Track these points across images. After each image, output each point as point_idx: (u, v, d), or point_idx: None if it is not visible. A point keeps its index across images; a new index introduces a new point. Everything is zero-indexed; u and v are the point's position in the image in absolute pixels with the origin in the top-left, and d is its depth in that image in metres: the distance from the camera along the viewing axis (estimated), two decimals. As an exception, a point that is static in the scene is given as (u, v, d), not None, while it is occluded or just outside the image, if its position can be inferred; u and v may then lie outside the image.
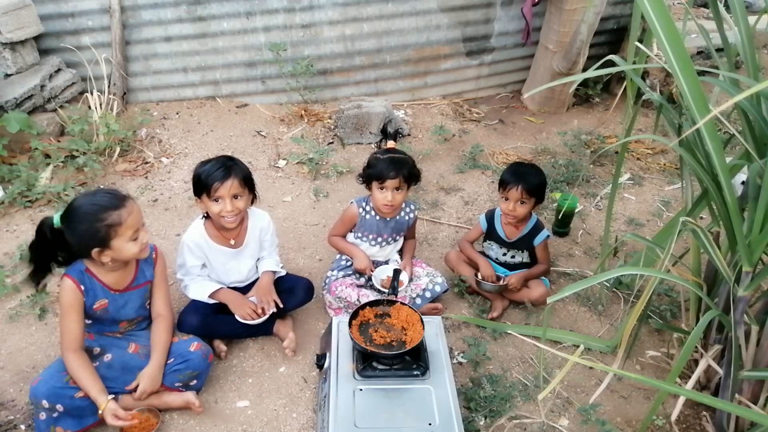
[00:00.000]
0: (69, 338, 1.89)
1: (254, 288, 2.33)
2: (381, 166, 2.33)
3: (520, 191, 2.44)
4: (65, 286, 1.89)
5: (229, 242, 2.28)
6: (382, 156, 2.37)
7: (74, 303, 1.89)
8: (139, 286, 2.04)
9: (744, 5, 1.70)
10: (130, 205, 1.85)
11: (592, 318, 2.58)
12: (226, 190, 2.09)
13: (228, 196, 2.10)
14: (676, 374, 1.64)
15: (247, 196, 2.20)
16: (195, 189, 2.15)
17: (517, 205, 2.48)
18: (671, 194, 3.55)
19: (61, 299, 1.89)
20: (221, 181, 2.08)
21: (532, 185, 2.44)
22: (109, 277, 1.95)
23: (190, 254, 2.24)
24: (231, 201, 2.11)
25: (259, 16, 3.96)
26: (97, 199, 1.83)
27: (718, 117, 1.56)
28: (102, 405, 1.84)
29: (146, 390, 1.94)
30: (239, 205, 2.14)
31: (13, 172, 3.22)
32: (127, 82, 3.98)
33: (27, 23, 3.51)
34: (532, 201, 2.48)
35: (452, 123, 4.25)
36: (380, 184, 2.35)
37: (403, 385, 1.86)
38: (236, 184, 2.11)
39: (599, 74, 2.10)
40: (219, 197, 2.10)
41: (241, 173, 2.14)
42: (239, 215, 2.18)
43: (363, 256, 2.46)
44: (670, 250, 1.66)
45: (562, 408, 2.14)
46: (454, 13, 4.29)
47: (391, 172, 2.31)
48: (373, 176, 2.35)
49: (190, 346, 2.06)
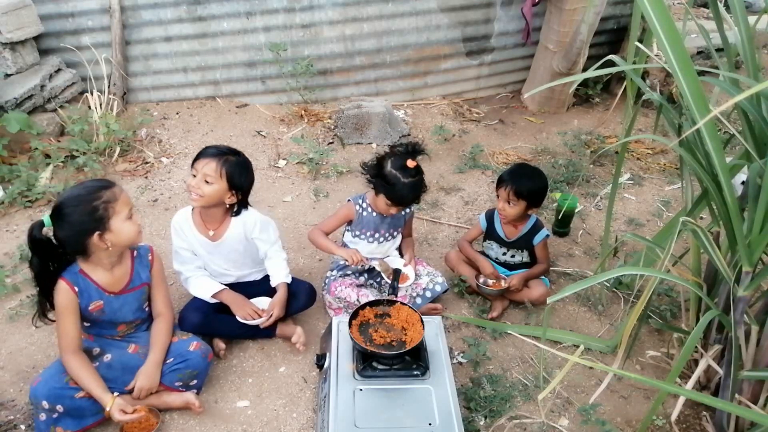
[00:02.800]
0: (67, 340, 1.89)
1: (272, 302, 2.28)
2: (404, 193, 2.29)
3: (508, 192, 2.45)
4: (59, 288, 1.87)
5: (209, 233, 2.27)
6: (403, 179, 2.28)
7: (69, 304, 1.88)
8: (135, 289, 2.03)
9: (744, 5, 1.70)
10: (118, 186, 1.88)
11: (592, 318, 2.58)
12: (200, 166, 2.12)
13: (200, 172, 2.11)
14: (676, 374, 1.64)
15: (224, 189, 2.14)
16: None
17: (506, 205, 2.48)
18: (671, 194, 3.55)
19: (56, 301, 1.88)
20: (202, 157, 2.13)
21: (521, 188, 2.43)
22: (104, 278, 1.94)
23: (176, 235, 2.27)
24: (201, 179, 2.11)
25: (259, 16, 3.96)
26: (86, 185, 1.85)
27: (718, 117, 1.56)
28: (108, 402, 1.84)
29: (143, 387, 1.94)
30: (205, 189, 2.11)
31: (13, 172, 3.22)
32: (127, 82, 3.99)
33: (27, 23, 3.51)
34: (522, 204, 2.46)
35: (452, 123, 4.25)
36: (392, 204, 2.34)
37: (403, 385, 1.86)
38: (213, 166, 2.10)
39: (599, 74, 2.10)
40: (195, 171, 2.13)
41: (229, 164, 2.13)
42: (202, 198, 2.14)
43: (352, 251, 2.39)
44: (670, 250, 1.66)
45: (562, 408, 2.14)
46: (454, 13, 4.29)
47: (408, 200, 2.35)
48: (389, 197, 2.31)
49: (190, 346, 2.06)
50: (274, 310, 2.24)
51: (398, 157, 2.31)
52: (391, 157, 2.33)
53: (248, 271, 2.41)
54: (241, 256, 2.35)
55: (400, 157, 2.31)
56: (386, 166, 2.31)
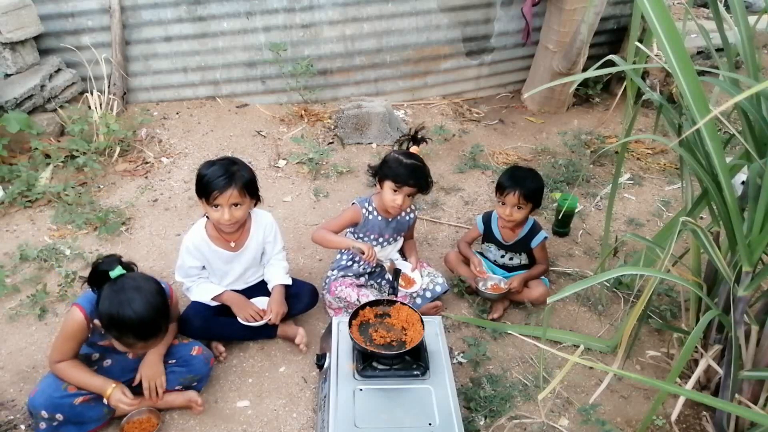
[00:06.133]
0: (60, 357, 1.87)
1: (268, 302, 2.29)
2: (402, 171, 2.29)
3: (517, 196, 2.43)
4: (74, 314, 1.83)
5: (230, 245, 2.27)
6: (405, 159, 2.32)
7: (77, 335, 1.86)
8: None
9: (744, 5, 1.70)
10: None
11: (592, 318, 2.58)
12: (225, 200, 2.06)
13: (227, 204, 2.07)
14: (676, 374, 1.64)
15: (249, 202, 2.17)
16: (197, 189, 2.13)
17: (514, 210, 2.47)
18: (671, 194, 3.55)
19: (66, 324, 1.86)
20: (221, 191, 2.04)
21: (529, 190, 2.43)
22: None
23: (189, 256, 2.23)
24: (229, 210, 2.08)
25: (259, 16, 3.96)
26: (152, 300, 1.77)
27: (718, 117, 1.56)
28: (108, 391, 1.84)
29: (148, 377, 1.93)
30: (237, 214, 2.11)
31: (13, 172, 3.22)
32: (127, 82, 3.98)
33: (27, 23, 3.51)
34: (529, 206, 2.47)
35: (452, 123, 4.25)
36: (396, 186, 2.32)
37: (403, 385, 1.86)
38: (236, 193, 2.07)
39: (599, 74, 2.10)
40: (218, 204, 2.09)
41: (243, 180, 2.09)
42: (238, 222, 2.16)
43: (367, 244, 2.37)
44: (670, 250, 1.66)
45: (562, 408, 2.14)
46: (454, 13, 4.29)
47: (411, 179, 2.30)
48: (392, 177, 2.31)
49: (192, 351, 2.07)
50: (273, 308, 2.24)
51: (400, 147, 2.45)
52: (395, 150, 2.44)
53: (260, 273, 2.43)
54: (257, 261, 2.38)
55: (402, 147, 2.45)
56: (389, 155, 2.39)
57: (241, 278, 2.37)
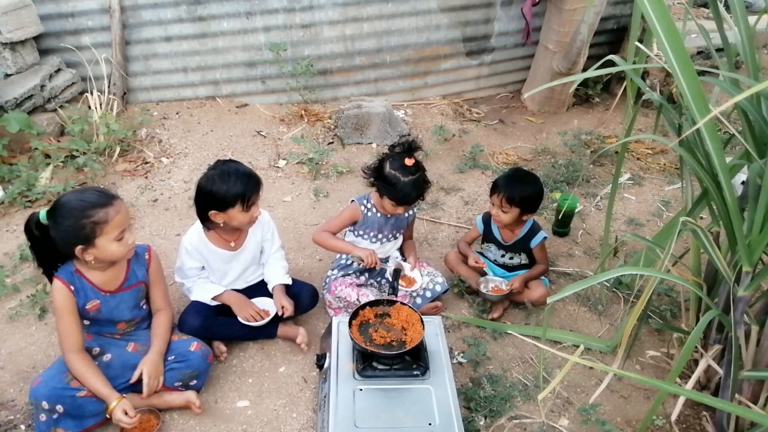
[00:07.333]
0: (68, 340, 1.89)
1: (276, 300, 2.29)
2: (406, 191, 2.26)
3: (501, 199, 2.44)
4: (56, 287, 1.87)
5: (229, 244, 2.27)
6: (403, 177, 2.25)
7: (67, 304, 1.88)
8: (131, 287, 2.03)
9: (744, 5, 1.70)
10: (118, 205, 1.84)
11: (592, 318, 2.58)
12: (253, 202, 2.15)
13: (254, 205, 2.16)
14: (676, 374, 1.64)
15: None
16: (218, 205, 2.10)
17: (499, 211, 2.47)
18: (671, 194, 3.55)
19: (54, 301, 1.88)
20: (256, 190, 2.14)
21: (513, 195, 2.41)
22: (99, 278, 1.94)
23: (188, 257, 2.24)
24: (256, 208, 2.18)
25: (259, 16, 3.96)
26: (86, 196, 1.81)
27: (718, 117, 1.56)
28: (111, 404, 1.84)
29: (150, 374, 1.93)
30: (256, 214, 2.20)
31: (13, 172, 3.22)
32: (127, 82, 3.99)
33: (27, 23, 3.51)
34: (515, 210, 2.45)
35: (452, 123, 4.25)
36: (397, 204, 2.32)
37: (403, 385, 1.86)
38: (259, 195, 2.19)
39: (599, 74, 2.10)
40: (249, 205, 2.14)
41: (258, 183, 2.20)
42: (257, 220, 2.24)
43: (369, 251, 2.37)
44: (670, 250, 1.66)
45: (562, 408, 2.14)
46: (454, 13, 4.29)
47: (411, 198, 2.31)
48: (392, 198, 2.29)
49: (190, 346, 2.07)
50: (284, 304, 2.25)
51: (396, 157, 2.29)
52: (390, 158, 2.32)
53: (260, 272, 2.43)
54: (257, 259, 2.39)
55: (397, 157, 2.29)
56: (386, 168, 2.30)
57: (241, 277, 2.37)
